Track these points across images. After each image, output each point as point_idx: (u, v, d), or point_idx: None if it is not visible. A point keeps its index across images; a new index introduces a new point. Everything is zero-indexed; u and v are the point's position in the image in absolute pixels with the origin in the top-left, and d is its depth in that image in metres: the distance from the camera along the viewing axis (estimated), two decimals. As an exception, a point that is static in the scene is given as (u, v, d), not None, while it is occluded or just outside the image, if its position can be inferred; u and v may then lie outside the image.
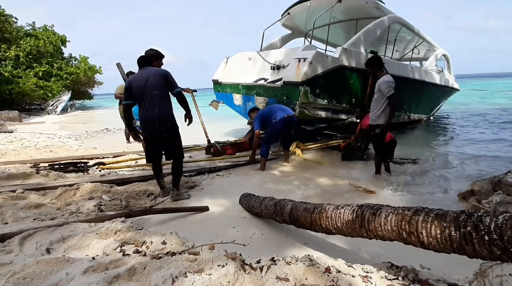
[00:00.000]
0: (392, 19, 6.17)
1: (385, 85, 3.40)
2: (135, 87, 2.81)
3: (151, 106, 2.82)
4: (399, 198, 3.13)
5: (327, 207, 1.67)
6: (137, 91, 2.82)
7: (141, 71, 2.90)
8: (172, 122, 2.92)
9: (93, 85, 23.20)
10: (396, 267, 1.42)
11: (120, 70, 4.88)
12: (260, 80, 5.72)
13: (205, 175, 3.83)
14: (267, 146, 4.26)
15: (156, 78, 2.84)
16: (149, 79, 2.81)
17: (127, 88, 2.87)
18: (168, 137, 2.89)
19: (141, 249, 1.66)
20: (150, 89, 2.81)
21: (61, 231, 1.85)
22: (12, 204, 2.47)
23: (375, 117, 3.57)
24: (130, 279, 1.32)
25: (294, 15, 7.16)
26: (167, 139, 2.90)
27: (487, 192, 2.76)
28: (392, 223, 1.30)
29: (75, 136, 7.40)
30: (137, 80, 2.83)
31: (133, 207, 2.71)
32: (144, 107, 2.84)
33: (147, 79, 2.81)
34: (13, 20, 16.97)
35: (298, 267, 1.36)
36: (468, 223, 1.06)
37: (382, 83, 3.43)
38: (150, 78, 2.82)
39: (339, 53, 4.99)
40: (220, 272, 1.31)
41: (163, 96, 2.87)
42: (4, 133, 7.37)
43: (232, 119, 8.87)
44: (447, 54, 9.20)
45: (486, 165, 4.40)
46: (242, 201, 2.69)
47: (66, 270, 1.34)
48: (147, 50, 3.82)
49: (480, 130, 7.82)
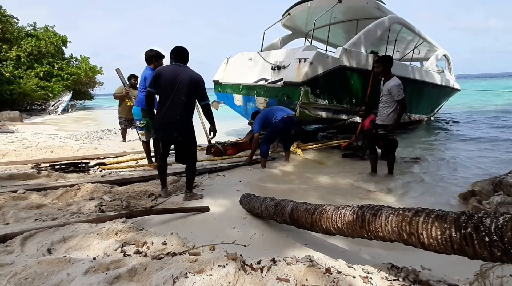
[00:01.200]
0: (393, 19, 6.17)
1: (396, 89, 3.42)
2: (163, 81, 2.65)
3: (174, 111, 2.69)
4: (400, 198, 3.13)
5: (327, 208, 1.67)
6: (164, 86, 2.66)
7: (176, 67, 2.71)
8: (190, 130, 2.82)
9: (94, 85, 23.24)
10: (396, 268, 1.42)
11: (119, 75, 4.92)
12: (260, 80, 5.72)
13: (205, 175, 3.83)
14: (267, 146, 4.26)
15: (188, 83, 2.68)
16: (181, 81, 2.65)
17: (156, 76, 2.69)
18: (183, 141, 2.80)
19: (142, 249, 1.66)
20: (178, 93, 2.66)
21: (62, 232, 1.85)
22: (13, 205, 2.47)
23: (383, 117, 3.60)
24: (131, 280, 1.33)
25: (295, 16, 7.17)
26: (183, 143, 2.82)
27: (488, 193, 2.76)
28: (392, 224, 1.30)
29: (76, 137, 7.41)
30: (168, 74, 2.66)
31: (134, 208, 2.71)
32: (164, 107, 2.70)
33: (179, 80, 2.65)
34: (14, 20, 17.03)
35: (298, 268, 1.36)
36: (468, 224, 1.06)
37: (394, 86, 3.45)
38: (183, 81, 2.66)
39: (340, 54, 5.00)
40: (220, 272, 1.32)
41: (189, 104, 2.75)
42: (5, 133, 7.38)
43: (233, 119, 8.89)
44: (447, 54, 9.20)
45: (487, 165, 4.40)
46: (243, 201, 2.69)
47: (67, 270, 1.35)
48: (147, 50, 3.85)
49: (481, 130, 7.81)
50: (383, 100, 3.58)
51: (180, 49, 2.77)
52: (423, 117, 9.02)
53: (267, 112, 4.42)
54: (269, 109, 4.56)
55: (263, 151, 4.21)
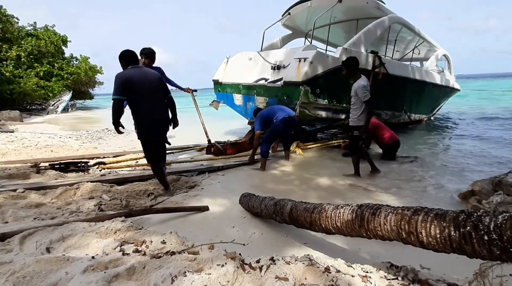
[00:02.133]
0: (393, 19, 6.17)
1: (361, 91, 3.41)
2: (137, 85, 2.65)
3: (160, 111, 2.82)
4: (399, 197, 3.12)
5: (326, 207, 1.67)
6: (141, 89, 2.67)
7: (139, 69, 2.77)
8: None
9: (94, 85, 23.25)
10: (395, 267, 1.42)
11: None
12: (260, 80, 5.72)
13: (205, 174, 3.83)
14: (267, 146, 4.26)
15: (159, 81, 2.81)
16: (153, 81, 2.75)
17: (124, 82, 2.61)
18: (163, 141, 2.97)
19: (141, 248, 1.66)
20: (154, 92, 2.75)
21: (61, 230, 1.85)
22: (12, 204, 2.47)
23: (355, 119, 3.61)
24: (130, 278, 1.32)
25: (295, 15, 7.17)
26: (164, 141, 2.99)
27: (487, 193, 2.76)
28: (391, 223, 1.30)
29: (76, 136, 7.41)
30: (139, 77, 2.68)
31: (133, 207, 2.71)
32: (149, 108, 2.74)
33: (148, 79, 2.72)
34: (15, 20, 17.04)
35: (297, 267, 1.36)
36: (467, 223, 1.06)
37: (358, 88, 3.44)
38: (154, 81, 2.76)
39: (340, 53, 5.00)
40: (219, 271, 1.31)
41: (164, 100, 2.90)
42: (5, 132, 7.38)
43: (233, 119, 8.88)
44: (447, 54, 9.19)
45: (487, 165, 4.39)
46: (242, 201, 2.69)
47: (66, 269, 1.35)
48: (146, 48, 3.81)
49: (481, 130, 7.81)
50: (352, 101, 3.60)
51: (132, 52, 2.81)
52: (423, 117, 9.02)
53: (268, 111, 4.42)
54: (270, 108, 4.55)
55: (263, 151, 4.21)
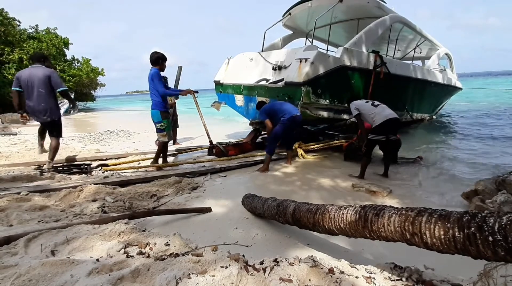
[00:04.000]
0: (394, 18, 6.15)
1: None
2: (23, 81, 3.82)
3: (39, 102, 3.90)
4: (402, 198, 3.11)
5: (330, 208, 1.67)
6: (25, 85, 3.82)
7: (32, 69, 3.88)
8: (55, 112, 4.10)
9: (95, 87, 23.36)
10: (399, 268, 1.41)
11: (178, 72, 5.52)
12: (261, 80, 5.72)
13: (207, 176, 3.83)
14: (274, 143, 4.24)
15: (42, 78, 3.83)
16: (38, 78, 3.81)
17: (16, 77, 3.91)
18: (51, 122, 4.10)
19: (145, 250, 1.67)
20: (37, 87, 3.82)
21: (66, 233, 1.86)
22: (16, 206, 2.49)
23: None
24: (134, 281, 1.33)
25: (295, 16, 7.16)
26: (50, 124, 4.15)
27: (491, 192, 2.75)
28: (395, 224, 1.30)
29: (78, 138, 7.44)
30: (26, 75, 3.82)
31: (136, 209, 2.72)
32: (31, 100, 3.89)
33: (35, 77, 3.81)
34: (16, 23, 17.12)
35: (301, 268, 1.36)
36: (472, 224, 1.05)
37: None
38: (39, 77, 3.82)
39: (341, 53, 4.99)
40: (223, 273, 1.32)
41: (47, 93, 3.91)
42: (8, 135, 7.43)
43: (234, 120, 8.89)
44: (449, 52, 9.16)
45: (490, 164, 4.37)
46: (245, 202, 2.69)
47: (71, 272, 1.35)
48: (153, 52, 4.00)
49: (483, 129, 7.78)
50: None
51: (36, 53, 4.11)
52: (425, 116, 8.98)
53: (274, 106, 4.41)
54: (277, 103, 4.52)
55: (270, 149, 4.18)
